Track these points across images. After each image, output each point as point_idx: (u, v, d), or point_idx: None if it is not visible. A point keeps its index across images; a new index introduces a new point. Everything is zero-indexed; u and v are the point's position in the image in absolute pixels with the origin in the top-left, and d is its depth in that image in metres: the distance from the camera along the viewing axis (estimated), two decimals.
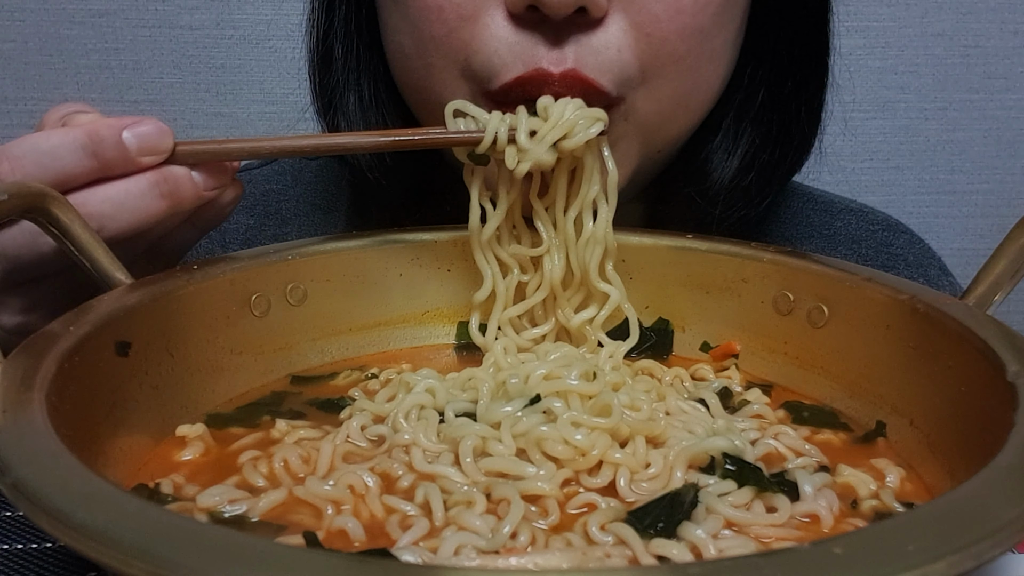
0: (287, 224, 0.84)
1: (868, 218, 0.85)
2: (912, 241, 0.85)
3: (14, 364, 0.39)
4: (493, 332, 0.59)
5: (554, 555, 0.36)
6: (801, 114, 0.71)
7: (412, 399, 0.50)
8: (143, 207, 0.51)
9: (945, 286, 0.82)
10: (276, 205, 0.85)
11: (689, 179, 0.70)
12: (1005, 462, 0.33)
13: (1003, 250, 0.48)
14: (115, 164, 0.50)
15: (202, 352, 0.52)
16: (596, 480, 0.44)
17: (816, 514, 0.41)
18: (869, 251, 0.82)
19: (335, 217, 0.84)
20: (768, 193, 0.71)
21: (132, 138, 0.50)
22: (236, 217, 0.83)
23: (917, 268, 0.82)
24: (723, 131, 0.70)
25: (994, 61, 1.33)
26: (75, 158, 0.49)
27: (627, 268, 0.61)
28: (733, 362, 0.59)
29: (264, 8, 1.26)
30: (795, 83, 0.70)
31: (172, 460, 0.46)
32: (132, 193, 0.50)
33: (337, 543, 0.38)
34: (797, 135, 0.71)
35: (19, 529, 0.49)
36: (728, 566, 0.27)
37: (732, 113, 0.70)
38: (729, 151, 0.70)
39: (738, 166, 0.70)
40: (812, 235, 0.83)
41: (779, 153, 0.71)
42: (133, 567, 0.26)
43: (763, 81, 0.70)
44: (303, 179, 0.86)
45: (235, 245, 0.83)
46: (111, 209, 0.50)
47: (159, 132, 0.51)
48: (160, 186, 0.51)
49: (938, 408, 0.46)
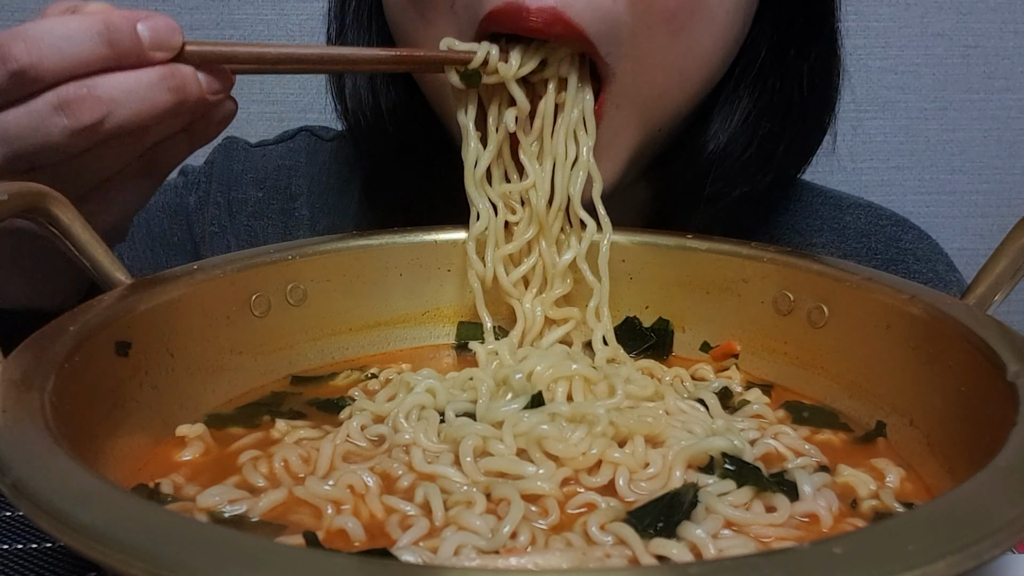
0: (295, 200, 0.85)
1: (877, 213, 0.85)
2: (920, 236, 0.85)
3: (14, 364, 0.39)
4: (492, 268, 0.59)
5: (554, 555, 0.36)
6: (803, 83, 0.69)
7: (412, 399, 0.50)
8: (151, 98, 0.50)
9: (953, 282, 0.82)
10: (287, 181, 0.86)
11: (684, 151, 0.69)
12: (1005, 462, 0.33)
13: (1003, 250, 0.48)
14: (128, 54, 0.50)
15: (202, 352, 0.51)
16: (595, 480, 0.44)
17: (815, 514, 0.41)
18: (879, 245, 0.82)
19: (348, 198, 0.84)
20: (770, 170, 0.70)
21: (146, 31, 0.50)
22: (245, 189, 0.84)
23: (926, 263, 0.82)
24: (722, 99, 0.68)
25: (994, 61, 1.33)
26: (91, 44, 0.49)
27: (627, 268, 0.61)
28: (733, 362, 0.59)
29: (264, 8, 1.26)
30: (797, 49, 0.68)
31: (172, 460, 0.46)
32: (142, 82, 0.50)
33: (337, 543, 0.38)
34: (799, 105, 0.69)
35: (19, 529, 0.49)
36: (728, 566, 0.27)
37: (733, 79, 0.68)
38: (727, 118, 0.68)
39: (735, 134, 0.68)
40: (822, 228, 0.82)
41: (780, 124, 0.69)
42: (133, 567, 0.26)
43: (763, 45, 0.68)
44: (318, 159, 0.87)
45: (242, 216, 0.84)
46: (121, 95, 0.50)
47: (170, 28, 0.51)
48: (168, 80, 0.51)
49: (938, 408, 0.46)
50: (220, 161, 0.87)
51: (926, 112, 1.35)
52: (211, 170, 0.87)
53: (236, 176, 0.86)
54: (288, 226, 0.84)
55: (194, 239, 0.84)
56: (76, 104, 0.49)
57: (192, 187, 0.86)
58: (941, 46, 1.32)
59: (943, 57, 1.33)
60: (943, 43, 1.32)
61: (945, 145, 1.36)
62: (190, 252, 0.84)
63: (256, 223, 0.84)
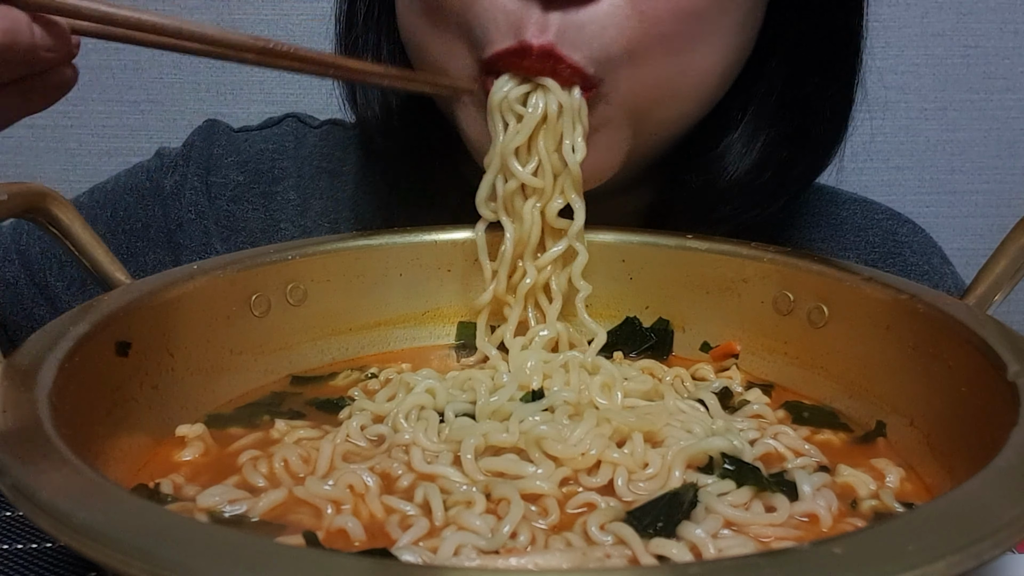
0: (278, 183, 0.81)
1: (872, 208, 0.86)
2: (915, 230, 0.85)
3: (14, 364, 0.39)
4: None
5: (555, 555, 0.36)
6: (824, 114, 0.69)
7: (412, 399, 0.50)
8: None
9: (947, 274, 0.83)
10: (269, 164, 0.82)
11: (702, 171, 0.69)
12: (1005, 462, 0.33)
13: (1003, 250, 0.48)
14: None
15: (202, 352, 0.51)
16: (595, 479, 0.44)
17: (815, 514, 0.41)
18: (875, 239, 0.83)
19: (342, 181, 0.82)
20: (781, 195, 0.70)
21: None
22: (226, 172, 0.81)
23: (922, 256, 0.83)
24: (743, 125, 0.68)
25: (994, 61, 1.33)
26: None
27: (627, 268, 0.61)
28: (733, 362, 0.59)
29: (264, 8, 1.26)
30: (818, 81, 0.68)
31: (172, 460, 0.46)
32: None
33: (337, 543, 0.38)
34: (816, 135, 0.69)
35: (19, 529, 0.49)
36: (729, 566, 0.27)
37: (753, 107, 0.68)
38: (746, 145, 0.68)
39: (754, 162, 0.68)
40: (819, 223, 0.83)
41: (796, 153, 0.69)
42: (133, 567, 0.26)
43: (785, 77, 0.68)
44: (306, 143, 0.84)
45: (222, 200, 0.80)
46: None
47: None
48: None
49: (938, 408, 0.46)
50: (199, 144, 0.83)
51: (926, 112, 1.35)
52: (189, 152, 0.82)
53: (216, 159, 0.82)
54: (270, 210, 0.80)
55: (168, 225, 0.79)
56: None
57: (168, 170, 0.81)
58: (941, 46, 1.32)
59: (943, 57, 1.32)
60: (943, 43, 1.32)
61: (945, 145, 1.36)
62: (162, 238, 0.79)
63: (236, 207, 0.80)
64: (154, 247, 0.79)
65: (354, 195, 0.81)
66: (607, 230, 0.62)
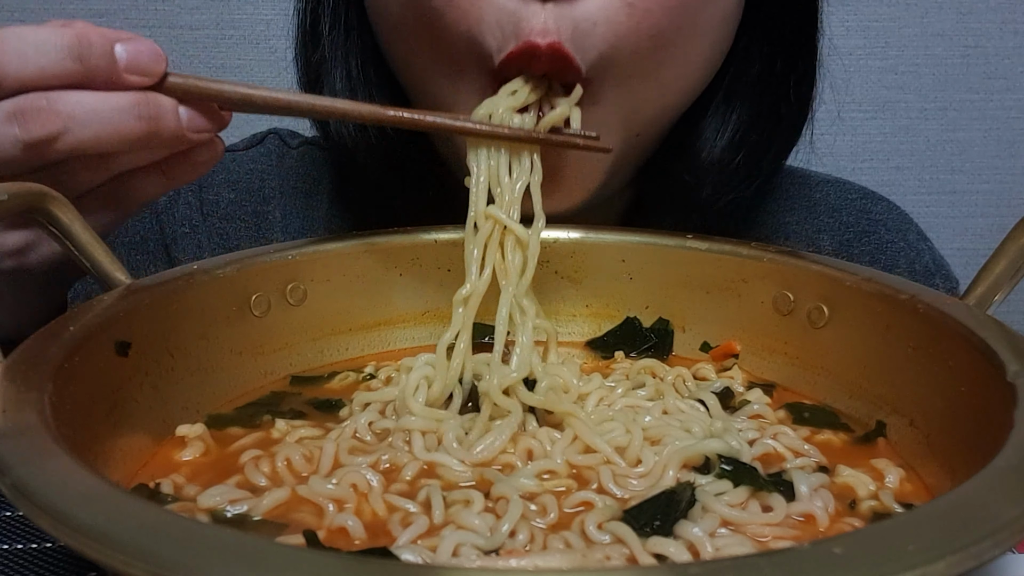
0: (268, 203, 0.82)
1: (846, 188, 0.86)
2: (890, 207, 0.86)
3: (14, 364, 0.39)
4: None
5: (554, 556, 0.36)
6: (790, 95, 0.69)
7: (417, 373, 0.51)
8: (116, 122, 0.48)
9: (924, 250, 0.83)
10: (259, 183, 0.83)
11: (678, 159, 0.69)
12: (1005, 462, 0.33)
13: (1003, 250, 0.48)
14: (99, 73, 0.47)
15: (202, 352, 0.52)
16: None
17: (812, 514, 0.41)
18: (850, 218, 0.83)
19: (317, 200, 0.83)
20: (756, 176, 0.70)
21: (123, 52, 0.47)
22: (218, 191, 0.82)
23: (897, 232, 0.83)
24: (713, 108, 0.68)
25: (994, 61, 1.33)
26: (58, 56, 0.47)
27: (627, 268, 0.61)
28: (734, 362, 0.59)
29: (264, 8, 1.26)
30: (785, 62, 0.69)
31: (172, 460, 0.46)
32: (109, 104, 0.48)
33: (338, 541, 0.38)
34: (787, 116, 0.70)
35: (19, 529, 0.49)
36: (728, 566, 0.27)
37: (723, 91, 0.68)
38: (719, 129, 0.68)
39: (727, 144, 0.68)
40: (793, 207, 0.83)
41: (768, 133, 0.69)
42: (133, 567, 0.26)
43: (755, 58, 0.68)
44: (285, 163, 0.85)
45: (214, 218, 0.81)
46: (82, 113, 0.47)
47: (152, 53, 0.48)
48: (141, 107, 0.48)
49: (938, 408, 0.46)
50: None
51: (926, 112, 1.35)
52: None
53: (207, 177, 0.82)
54: (261, 228, 0.82)
55: (164, 239, 0.81)
56: (31, 115, 0.47)
57: None
58: (941, 46, 1.32)
59: (943, 57, 1.33)
60: (943, 43, 1.32)
61: (945, 145, 1.36)
62: (160, 251, 0.81)
63: (228, 225, 0.81)
64: (153, 260, 0.80)
65: (328, 215, 0.82)
66: (607, 230, 0.62)
